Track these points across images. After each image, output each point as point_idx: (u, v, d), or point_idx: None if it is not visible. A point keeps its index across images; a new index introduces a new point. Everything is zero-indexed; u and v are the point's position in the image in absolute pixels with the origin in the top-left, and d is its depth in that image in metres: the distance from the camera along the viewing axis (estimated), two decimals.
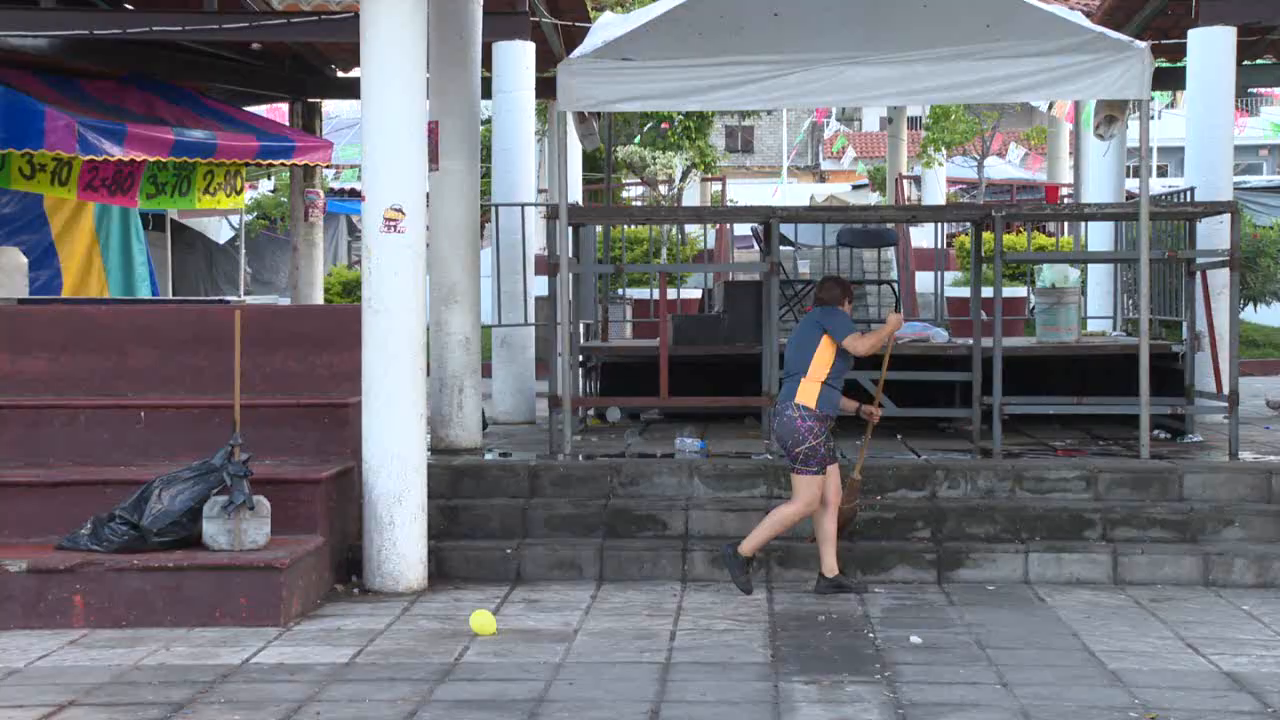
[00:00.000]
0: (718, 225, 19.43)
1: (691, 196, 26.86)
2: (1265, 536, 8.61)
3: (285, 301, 17.00)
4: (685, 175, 25.54)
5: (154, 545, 7.56)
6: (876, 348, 8.15)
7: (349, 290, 19.52)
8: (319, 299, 15.88)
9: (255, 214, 23.92)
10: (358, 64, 8.51)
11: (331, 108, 25.08)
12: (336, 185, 25.02)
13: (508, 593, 8.17)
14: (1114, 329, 13.53)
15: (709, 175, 26.34)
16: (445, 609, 7.72)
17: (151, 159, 12.66)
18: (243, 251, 18.63)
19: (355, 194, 22.34)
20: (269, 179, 25.57)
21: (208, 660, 6.69)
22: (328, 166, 17.80)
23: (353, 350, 8.42)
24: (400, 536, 8.16)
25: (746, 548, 8.01)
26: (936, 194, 26.95)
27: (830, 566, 8.05)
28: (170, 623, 7.33)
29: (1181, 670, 6.44)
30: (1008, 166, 32.95)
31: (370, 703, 5.98)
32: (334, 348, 9.06)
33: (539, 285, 12.71)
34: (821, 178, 47.30)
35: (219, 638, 7.12)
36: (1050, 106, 22.43)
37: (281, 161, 14.30)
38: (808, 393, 7.91)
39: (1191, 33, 12.15)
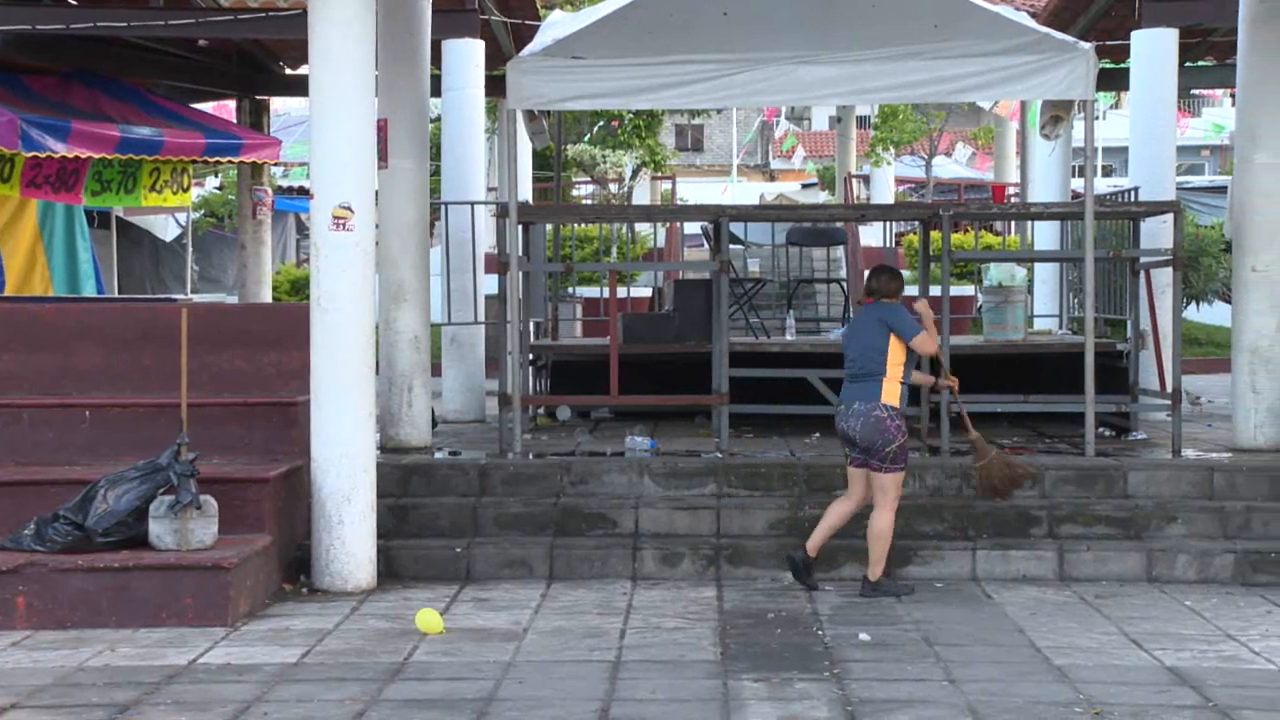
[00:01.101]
0: (668, 224, 19.45)
1: (641, 195, 26.85)
2: (1207, 533, 8.71)
3: (233, 300, 16.89)
4: (635, 174, 25.53)
5: (99, 546, 7.49)
6: (936, 340, 8.24)
7: (298, 288, 19.39)
8: (267, 297, 15.77)
9: (202, 212, 23.73)
10: (306, 61, 8.47)
11: (280, 105, 24.89)
12: (285, 183, 24.86)
13: (457, 592, 8.15)
14: (1060, 327, 13.64)
15: (659, 174, 26.36)
16: (394, 608, 7.69)
17: (96, 156, 12.54)
18: (190, 249, 18.49)
19: (304, 192, 22.19)
20: (216, 176, 25.37)
21: (154, 661, 6.64)
22: (276, 164, 17.70)
23: (301, 349, 8.38)
24: (349, 535, 8.12)
25: (875, 574, 8.00)
26: (885, 193, 27.09)
27: (814, 548, 8.12)
28: (115, 624, 7.26)
29: (1125, 666, 6.51)
30: (955, 166, 33.16)
31: (319, 702, 5.95)
32: (282, 346, 9.01)
33: (489, 284, 12.66)
34: (771, 176, 47.44)
35: (165, 638, 7.06)
36: (996, 105, 22.59)
37: (229, 159, 14.19)
38: (891, 392, 7.96)
39: (1135, 34, 12.28)
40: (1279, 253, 9.64)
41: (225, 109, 18.15)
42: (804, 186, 39.29)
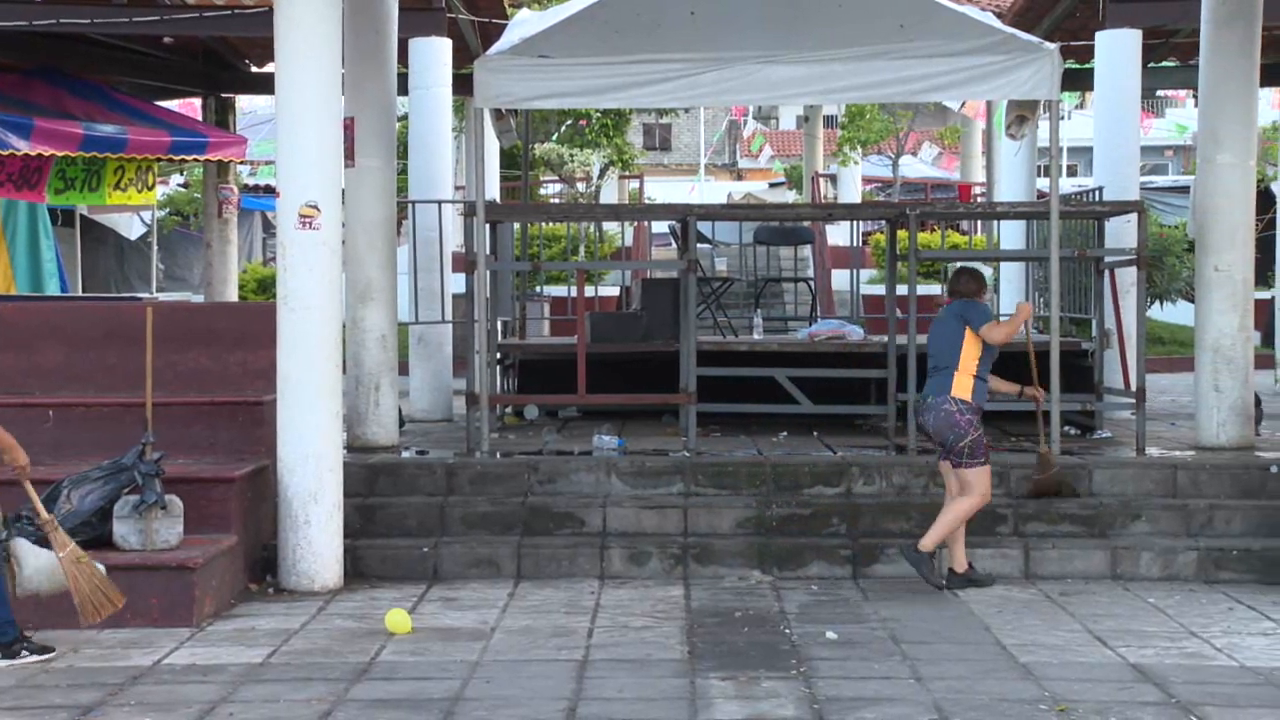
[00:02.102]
0: (635, 223, 19.46)
1: (609, 194, 26.83)
2: (1170, 531, 8.77)
3: (199, 299, 16.81)
4: (603, 173, 25.51)
5: None
6: (1011, 336, 8.21)
7: (264, 287, 19.32)
8: (233, 296, 15.70)
9: (168, 210, 23.59)
10: (272, 58, 8.43)
11: (246, 103, 24.77)
12: (252, 181, 24.74)
13: (425, 591, 8.14)
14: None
15: (627, 173, 26.35)
16: (361, 608, 7.67)
17: (60, 154, 12.45)
18: (155, 248, 18.39)
19: (270, 190, 22.10)
20: (181, 175, 25.22)
21: (118, 662, 6.60)
22: (242, 162, 17.60)
23: (268, 348, 8.34)
24: (316, 535, 8.09)
25: (927, 543, 8.01)
26: (852, 192, 27.17)
27: (960, 561, 8.14)
28: (79, 624, 7.21)
29: (1090, 663, 6.55)
30: (922, 165, 33.28)
31: (285, 703, 5.93)
32: (248, 345, 8.97)
33: (456, 282, 12.64)
34: (739, 176, 47.49)
35: (129, 639, 7.02)
36: (963, 105, 22.69)
37: (194, 157, 14.12)
38: (962, 385, 7.98)
39: (1099, 35, 12.36)
40: (1241, 253, 9.72)
41: (190, 107, 18.06)
42: (771, 186, 39.37)
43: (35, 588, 6.83)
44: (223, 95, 15.86)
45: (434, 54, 12.44)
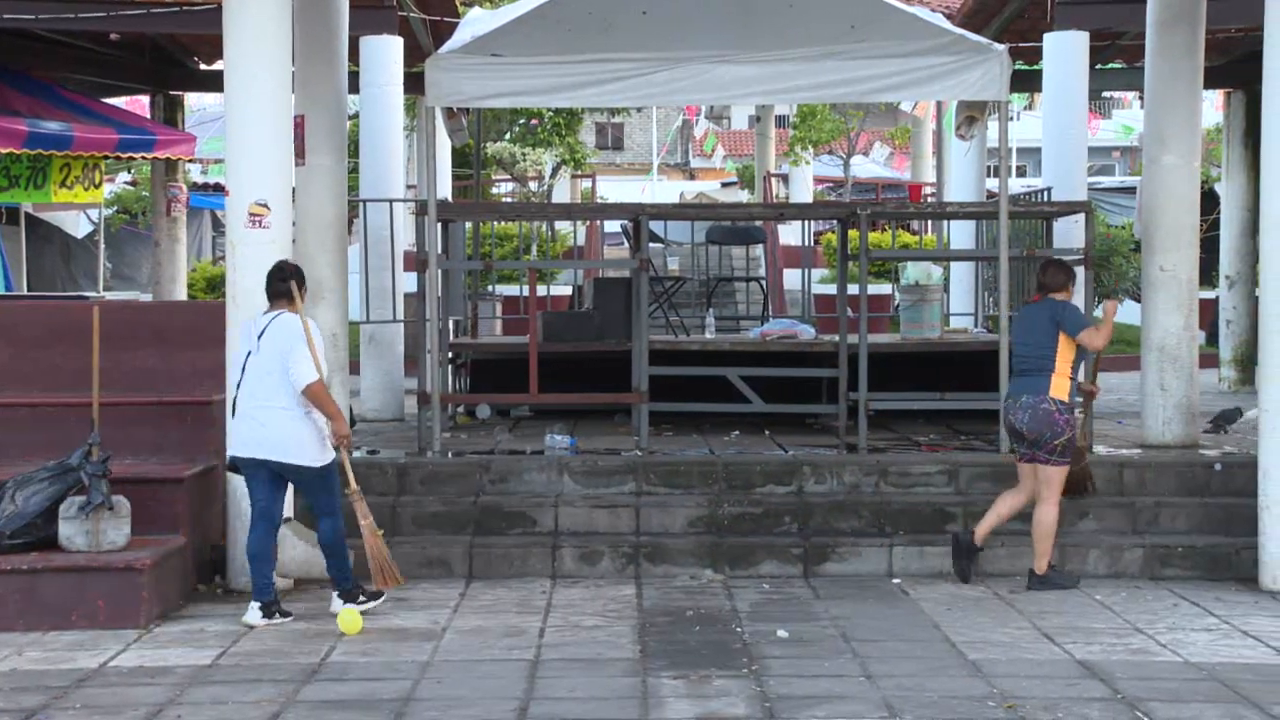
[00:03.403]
0: (588, 222, 19.44)
1: (561, 193, 26.78)
2: (1117, 528, 8.86)
3: (147, 298, 16.66)
4: (555, 172, 25.47)
5: (7, 548, 7.36)
6: (1109, 337, 8.29)
7: (213, 286, 19.16)
8: (182, 295, 15.59)
9: (115, 208, 23.37)
10: (221, 56, 8.37)
11: (196, 100, 24.60)
12: (204, 179, 24.56)
13: None
14: (976, 325, 13.80)
15: (579, 172, 26.32)
16: (311, 608, 7.62)
17: (4, 151, 12.31)
18: (102, 246, 18.21)
19: (220, 188, 21.93)
20: (129, 173, 24.99)
21: (63, 665, 6.54)
22: (191, 160, 17.48)
23: (217, 347, 8.28)
24: None
25: (1040, 565, 8.09)
26: (804, 192, 27.24)
27: (1043, 565, 8.15)
28: (24, 626, 7.14)
29: (1038, 660, 6.61)
30: (873, 165, 33.41)
31: (233, 704, 5.89)
32: (197, 345, 8.88)
33: (408, 281, 12.61)
34: (691, 175, 47.51)
35: (76, 641, 6.96)
36: (914, 106, 22.81)
37: (142, 155, 14.01)
38: (1060, 387, 8.05)
39: (1047, 37, 12.48)
40: (1186, 253, 9.82)
41: (138, 104, 17.92)
42: (723, 185, 39.40)
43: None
44: (171, 93, 15.73)
45: (385, 52, 12.39)
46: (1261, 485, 8.16)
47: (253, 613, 7.26)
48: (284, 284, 7.46)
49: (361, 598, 7.45)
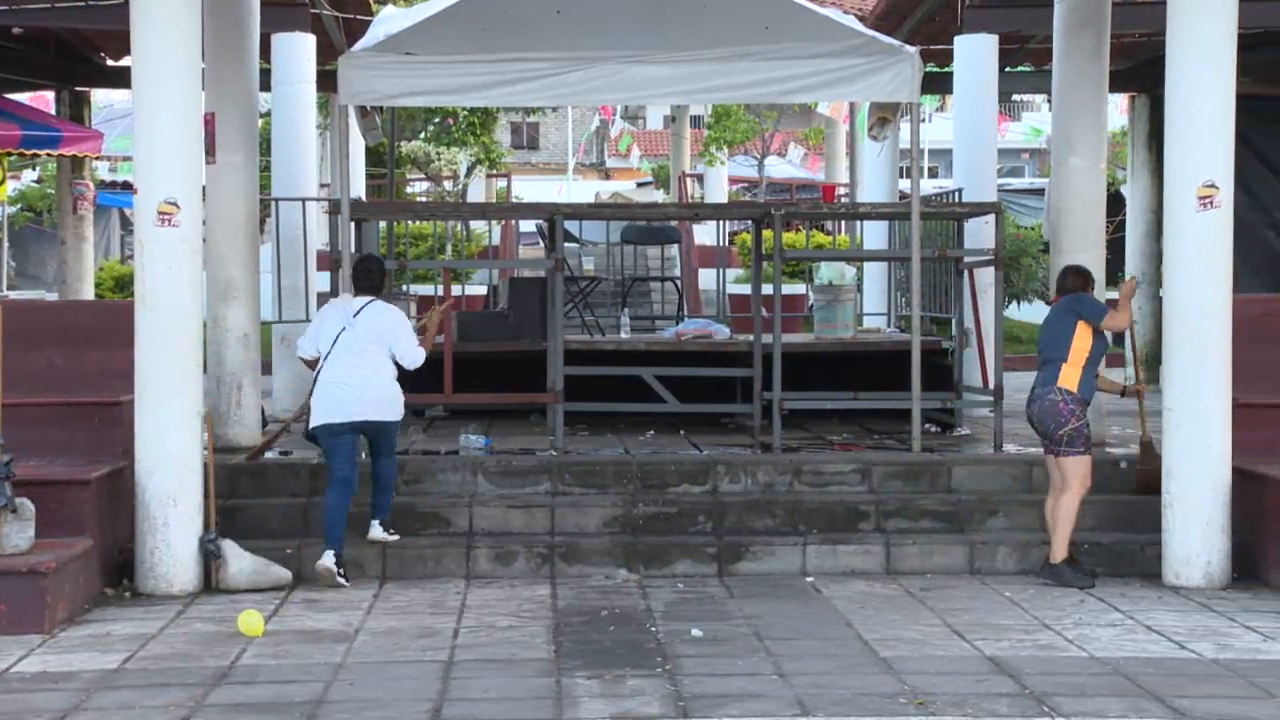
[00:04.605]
0: (502, 222, 19.38)
1: (476, 193, 26.67)
2: (1026, 525, 8.97)
3: (53, 297, 16.38)
4: (470, 171, 25.35)
5: None
6: (1131, 315, 8.39)
7: (122, 285, 18.88)
8: (89, 294, 15.34)
9: (19, 206, 22.95)
10: (129, 52, 8.25)
11: (104, 97, 24.19)
12: (112, 177, 24.18)
13: (288, 593, 8.03)
14: (888, 326, 13.93)
15: (494, 172, 26.23)
16: (221, 611, 7.53)
17: None
18: (5, 245, 17.87)
19: (129, 186, 21.60)
20: (34, 170, 24.54)
21: None
22: (98, 158, 17.20)
23: (125, 347, 8.16)
24: (175, 538, 7.95)
25: (1057, 556, 8.13)
26: (719, 192, 27.36)
27: (1059, 553, 8.20)
28: None
29: (948, 656, 6.68)
30: (788, 166, 33.65)
31: (141, 709, 5.81)
32: (105, 344, 8.75)
33: (321, 281, 12.48)
34: (607, 175, 47.51)
35: None
36: (828, 107, 23.00)
37: (47, 152, 13.78)
38: (1069, 377, 8.10)
39: (958, 39, 12.62)
40: (1094, 253, 9.98)
41: (43, 100, 17.58)
42: (639, 185, 39.43)
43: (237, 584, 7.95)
44: (77, 89, 15.47)
45: (297, 49, 12.27)
46: (1165, 483, 8.32)
47: (328, 558, 8.13)
48: (380, 277, 8.71)
49: (391, 530, 8.51)
